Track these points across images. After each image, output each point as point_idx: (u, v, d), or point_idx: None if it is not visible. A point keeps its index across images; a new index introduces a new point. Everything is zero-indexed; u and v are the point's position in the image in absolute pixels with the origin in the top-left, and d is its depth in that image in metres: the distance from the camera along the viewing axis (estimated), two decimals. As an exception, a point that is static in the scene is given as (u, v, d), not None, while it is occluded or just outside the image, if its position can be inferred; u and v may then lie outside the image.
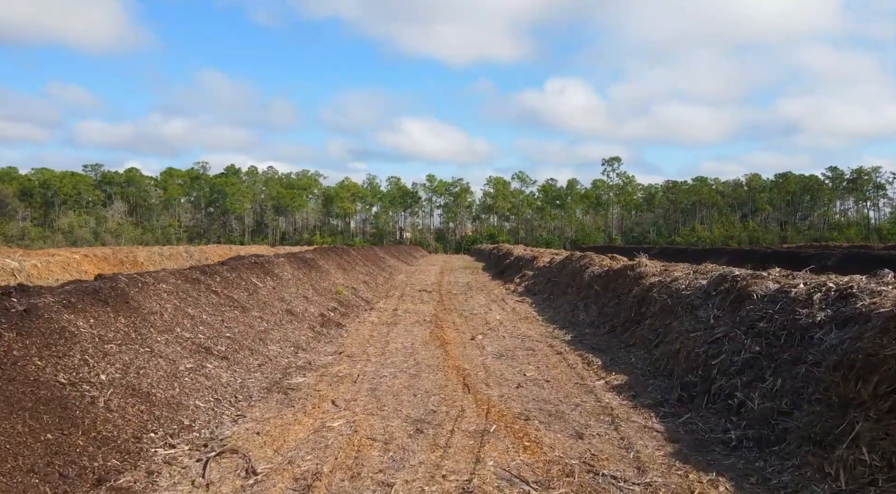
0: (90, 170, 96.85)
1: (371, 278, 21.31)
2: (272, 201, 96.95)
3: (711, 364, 5.80)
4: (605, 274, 12.94)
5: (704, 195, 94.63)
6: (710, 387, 5.57)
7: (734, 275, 7.38)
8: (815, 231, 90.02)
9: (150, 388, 5.17)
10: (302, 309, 11.36)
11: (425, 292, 18.66)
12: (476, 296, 17.38)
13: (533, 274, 19.96)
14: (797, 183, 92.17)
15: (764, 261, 28.20)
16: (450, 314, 13.36)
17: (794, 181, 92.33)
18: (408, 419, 5.48)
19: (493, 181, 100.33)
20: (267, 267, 12.46)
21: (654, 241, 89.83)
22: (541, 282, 18.10)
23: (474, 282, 22.83)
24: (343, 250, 24.00)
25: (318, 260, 17.16)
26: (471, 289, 19.74)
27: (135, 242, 64.06)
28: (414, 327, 11.42)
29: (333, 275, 17.06)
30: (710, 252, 33.43)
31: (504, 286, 20.12)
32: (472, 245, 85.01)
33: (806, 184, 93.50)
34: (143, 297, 7.14)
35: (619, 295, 11.04)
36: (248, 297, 10.10)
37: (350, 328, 11.31)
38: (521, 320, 12.55)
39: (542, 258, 21.21)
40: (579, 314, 12.34)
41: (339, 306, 13.46)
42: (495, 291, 19.02)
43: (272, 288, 11.45)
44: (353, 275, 19.75)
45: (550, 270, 18.52)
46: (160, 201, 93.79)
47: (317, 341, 9.72)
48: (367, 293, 17.20)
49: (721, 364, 5.67)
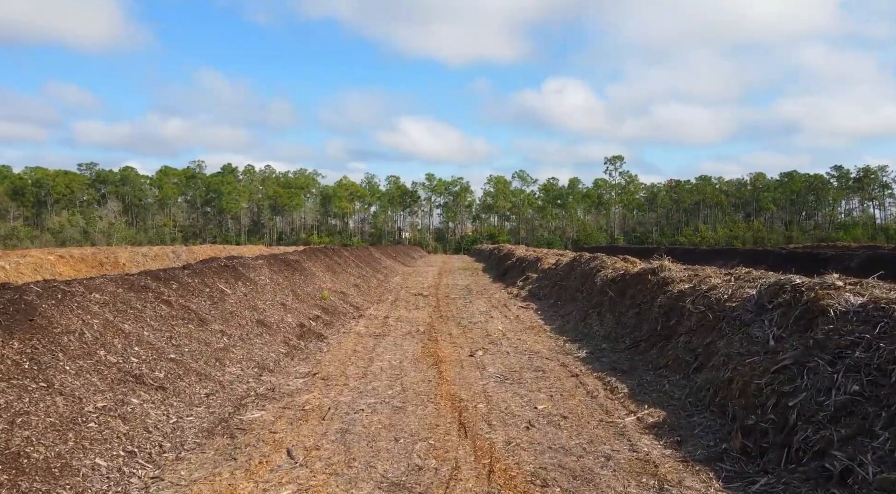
0: (85, 169, 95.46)
1: (364, 281, 19.89)
2: (269, 200, 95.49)
3: (787, 406, 4.38)
4: (620, 278, 11.52)
5: (708, 195, 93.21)
6: (791, 439, 4.14)
7: (795, 284, 5.95)
8: (820, 231, 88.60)
9: (24, 446, 3.74)
10: (277, 319, 9.94)
11: (421, 297, 17.25)
12: (476, 301, 15.96)
13: (537, 277, 18.53)
14: (803, 182, 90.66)
15: (780, 262, 26.75)
16: (446, 323, 11.94)
17: (800, 181, 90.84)
18: (383, 484, 4.06)
19: (493, 180, 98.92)
20: (240, 271, 11.04)
21: (658, 241, 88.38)
22: (546, 286, 16.67)
23: (474, 285, 21.41)
24: (334, 251, 22.57)
25: (304, 262, 15.73)
26: (470, 293, 18.32)
27: (127, 242, 62.64)
28: (405, 339, 10.01)
29: (320, 278, 15.64)
30: (720, 253, 32.02)
31: (506, 290, 18.70)
32: (471, 245, 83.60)
33: (811, 183, 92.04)
34: (61, 312, 5.72)
35: (640, 304, 9.62)
36: (210, 306, 8.68)
37: (332, 341, 9.90)
38: (526, 330, 11.13)
39: (547, 260, 19.79)
40: (592, 324, 10.93)
41: (323, 314, 12.05)
42: (496, 295, 17.60)
43: (243, 295, 10.03)
44: (344, 278, 18.33)
45: (556, 272, 17.09)
46: (155, 201, 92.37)
47: (290, 358, 8.30)
48: (357, 298, 15.79)
49: (803, 407, 4.24)
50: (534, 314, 13.51)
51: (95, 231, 61.97)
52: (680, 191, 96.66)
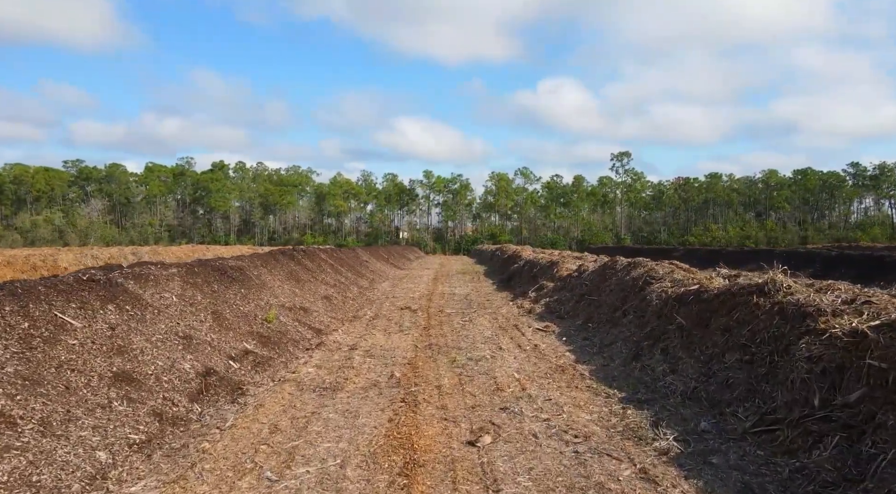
0: (70, 166, 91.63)
1: (340, 291, 16.16)
2: (260, 198, 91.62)
3: None
4: (693, 298, 7.78)
5: (719, 193, 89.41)
6: None
7: None
8: (836, 231, 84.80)
9: None
10: (162, 367, 6.21)
11: (408, 312, 13.54)
12: (478, 320, 12.23)
13: (554, 286, 14.78)
14: (818, 180, 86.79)
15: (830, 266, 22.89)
16: (435, 361, 8.23)
17: (815, 178, 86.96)
18: None
19: (495, 177, 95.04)
20: (120, 287, 7.29)
21: (666, 241, 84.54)
22: (568, 299, 12.92)
23: (475, 294, 17.68)
24: (308, 254, 18.79)
25: (250, 269, 11.96)
26: (470, 306, 14.59)
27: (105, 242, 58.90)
28: (366, 399, 6.30)
29: (274, 291, 11.91)
30: (755, 254, 28.28)
31: (514, 303, 14.95)
32: (472, 246, 79.85)
33: (825, 181, 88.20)
34: None
35: (749, 346, 5.88)
36: (15, 360, 4.95)
37: (251, 401, 6.20)
38: (553, 374, 7.42)
39: (566, 264, 16.02)
40: (655, 366, 7.21)
41: (259, 347, 8.33)
42: (503, 310, 13.87)
43: (107, 329, 6.28)
44: (312, 288, 14.59)
45: (581, 281, 13.35)
46: (142, 199, 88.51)
47: (143, 455, 4.58)
48: (323, 316, 12.08)
49: None
50: (558, 341, 9.79)
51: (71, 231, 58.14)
52: (689, 189, 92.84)
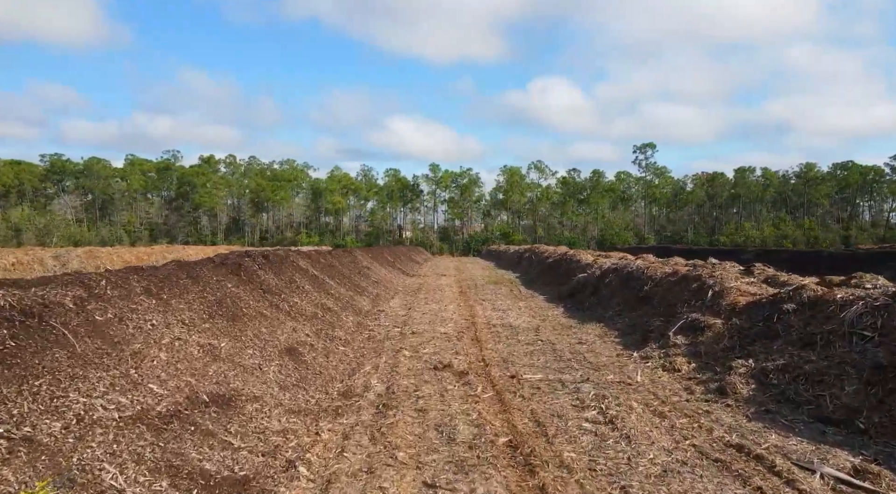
0: (45, 160, 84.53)
1: (321, 329, 9.11)
2: (251, 194, 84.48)
3: None
4: None
5: (752, 188, 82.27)
6: None
7: None
8: (878, 229, 77.74)
9: None
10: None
11: (451, 378, 6.54)
12: (628, 422, 5.16)
13: (728, 327, 7.68)
14: (860, 174, 79.54)
15: None
16: None
17: (857, 172, 79.71)
18: None
19: (506, 172, 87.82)
20: None
21: (694, 241, 77.48)
22: (793, 368, 5.82)
23: (547, 329, 10.61)
24: (276, 263, 11.69)
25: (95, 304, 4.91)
26: (561, 359, 7.51)
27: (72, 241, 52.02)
28: None
29: (146, 360, 4.84)
30: (853, 258, 21.26)
31: (639, 354, 7.85)
32: (482, 246, 72.79)
33: (866, 175, 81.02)
34: None
35: None
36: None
37: None
38: None
39: (731, 281, 8.86)
40: None
41: None
42: (646, 382, 6.81)
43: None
44: (266, 330, 7.52)
45: (787, 323, 6.26)
46: (122, 196, 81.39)
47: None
48: (269, 414, 5.03)
49: None
50: None
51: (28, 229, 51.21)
52: (716, 185, 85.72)
